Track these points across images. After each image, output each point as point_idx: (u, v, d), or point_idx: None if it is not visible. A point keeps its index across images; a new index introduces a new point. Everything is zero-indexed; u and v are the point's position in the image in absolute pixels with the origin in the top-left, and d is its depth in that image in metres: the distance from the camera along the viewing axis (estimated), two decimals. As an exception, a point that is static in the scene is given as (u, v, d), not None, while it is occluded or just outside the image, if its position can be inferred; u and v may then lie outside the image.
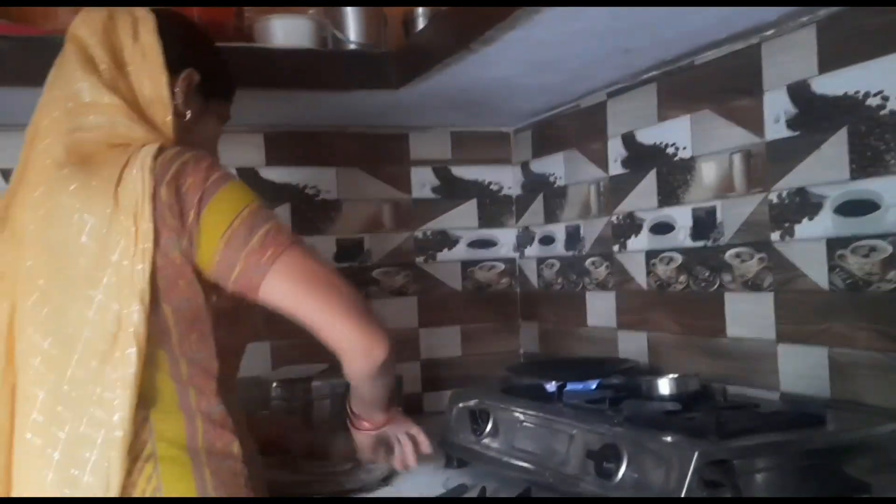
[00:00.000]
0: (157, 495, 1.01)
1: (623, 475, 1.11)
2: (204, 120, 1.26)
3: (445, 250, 2.17)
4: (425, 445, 1.38)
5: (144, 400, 1.03)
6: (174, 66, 1.17)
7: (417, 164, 2.15)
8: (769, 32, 1.40)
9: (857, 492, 1.01)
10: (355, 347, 1.07)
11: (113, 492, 0.99)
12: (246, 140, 1.98)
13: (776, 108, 1.40)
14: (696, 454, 1.02)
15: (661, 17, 1.30)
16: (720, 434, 1.09)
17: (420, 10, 1.78)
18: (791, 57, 1.37)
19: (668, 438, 1.09)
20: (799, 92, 1.36)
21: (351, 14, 1.73)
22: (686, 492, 1.01)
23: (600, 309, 1.91)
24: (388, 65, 1.67)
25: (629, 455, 1.11)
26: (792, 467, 1.10)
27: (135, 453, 1.02)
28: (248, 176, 1.96)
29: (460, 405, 1.53)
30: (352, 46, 1.71)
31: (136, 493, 1.01)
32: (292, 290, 1.05)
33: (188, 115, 1.20)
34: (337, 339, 1.07)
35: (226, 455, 1.07)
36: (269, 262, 1.03)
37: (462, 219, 2.19)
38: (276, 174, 2.00)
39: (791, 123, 1.38)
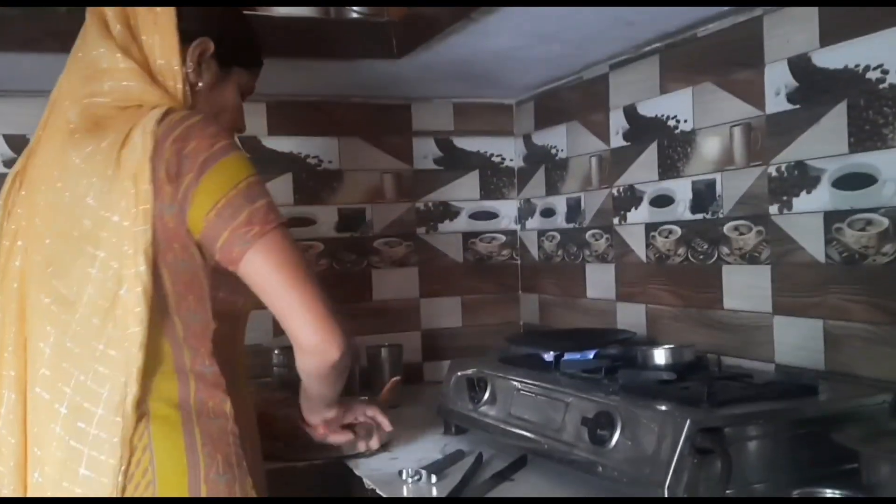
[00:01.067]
0: (148, 452, 1.03)
1: (616, 442, 1.13)
2: (221, 88, 1.25)
3: (447, 221, 2.18)
4: (385, 424, 1.43)
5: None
6: (188, 34, 1.17)
7: (420, 135, 2.16)
8: (771, 6, 1.40)
9: (845, 461, 1.03)
10: (311, 342, 1.08)
11: (119, 448, 1.01)
12: (249, 109, 1.93)
13: (777, 81, 1.40)
14: (688, 422, 1.04)
15: (663, -13, 1.30)
16: (712, 403, 1.10)
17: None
18: (792, 30, 1.37)
19: (661, 406, 1.11)
20: (799, 65, 1.36)
21: (357, -18, 1.72)
22: (677, 458, 1.03)
23: (600, 281, 1.92)
24: (391, 34, 1.67)
25: (623, 422, 1.13)
26: (783, 436, 1.11)
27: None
28: (251, 145, 1.97)
29: (459, 374, 1.55)
30: (353, 15, 1.71)
31: (129, 450, 1.03)
32: (268, 270, 1.06)
33: (199, 84, 1.19)
34: (296, 330, 1.08)
35: (217, 414, 1.08)
36: (254, 237, 1.04)
37: (464, 190, 2.20)
38: (279, 143, 2.01)
39: (791, 97, 1.38)
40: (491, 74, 1.92)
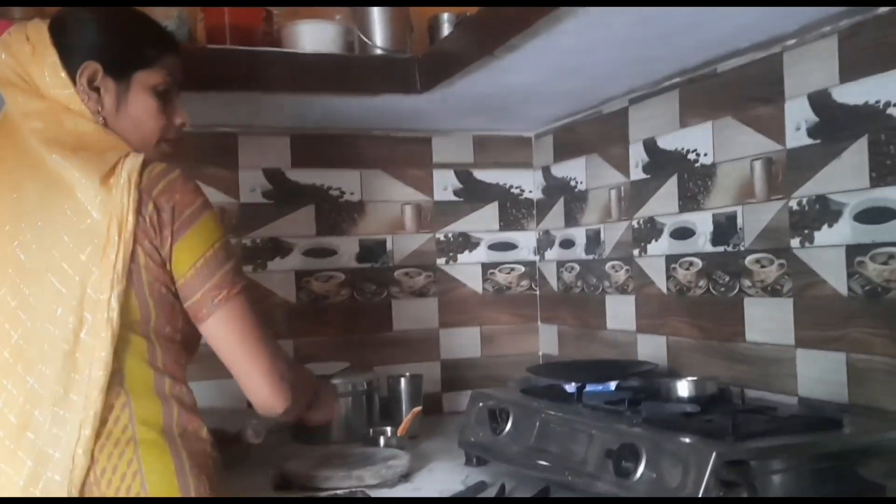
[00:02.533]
0: (139, 477, 1.06)
1: (641, 474, 1.13)
2: (127, 102, 1.22)
3: (466, 252, 2.20)
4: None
5: (124, 386, 1.09)
6: (75, 67, 1.17)
7: (440, 167, 2.18)
8: (791, 42, 1.42)
9: (871, 494, 1.03)
10: (259, 400, 1.20)
11: (80, 467, 1.05)
12: (273, 142, 2.02)
13: (797, 116, 1.42)
14: (713, 454, 1.04)
15: (683, 26, 1.32)
16: (737, 435, 1.11)
17: (445, 16, 1.82)
18: (812, 66, 1.39)
19: (686, 439, 1.11)
20: (820, 100, 1.38)
21: (377, 20, 1.76)
22: (703, 491, 1.03)
23: (620, 312, 1.93)
24: (413, 70, 1.70)
25: (647, 455, 1.13)
26: (808, 469, 1.11)
27: (116, 437, 1.07)
28: (275, 177, 2.00)
29: (480, 404, 1.55)
30: (377, 51, 1.74)
31: (118, 476, 1.06)
32: (227, 336, 1.17)
33: (101, 108, 1.18)
34: (247, 389, 1.19)
35: (197, 438, 1.14)
36: (219, 303, 1.15)
37: (483, 221, 2.22)
38: (302, 175, 2.04)
39: (812, 132, 1.39)
40: (511, 108, 1.95)
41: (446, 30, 1.79)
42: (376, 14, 1.77)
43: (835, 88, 1.35)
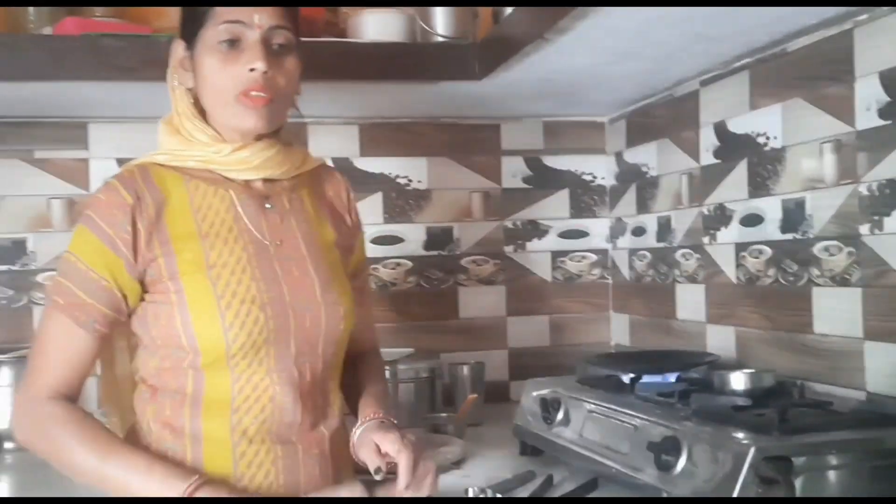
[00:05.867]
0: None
1: (682, 468, 1.10)
2: (198, 66, 1.17)
3: (535, 240, 2.18)
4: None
5: None
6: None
7: (509, 154, 2.17)
8: (862, 17, 1.34)
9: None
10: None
11: None
12: (342, 131, 2.05)
13: (868, 96, 1.34)
14: (752, 449, 1.00)
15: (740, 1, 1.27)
16: (783, 430, 1.06)
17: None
18: (884, 42, 1.30)
19: (728, 433, 1.07)
20: (891, 79, 1.29)
21: (439, 7, 1.76)
22: (740, 488, 0.99)
23: (690, 302, 1.87)
24: (472, 56, 1.69)
25: (689, 448, 1.10)
26: (861, 467, 1.05)
27: None
28: (343, 165, 2.03)
29: (534, 394, 1.54)
30: (439, 39, 1.74)
31: None
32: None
33: (190, 83, 1.19)
34: None
35: None
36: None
37: (553, 209, 2.19)
38: (370, 164, 2.07)
39: (882, 112, 1.31)
40: (578, 92, 1.91)
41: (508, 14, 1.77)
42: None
43: (906, 65, 1.26)
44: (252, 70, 1.12)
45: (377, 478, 1.09)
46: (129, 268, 1.12)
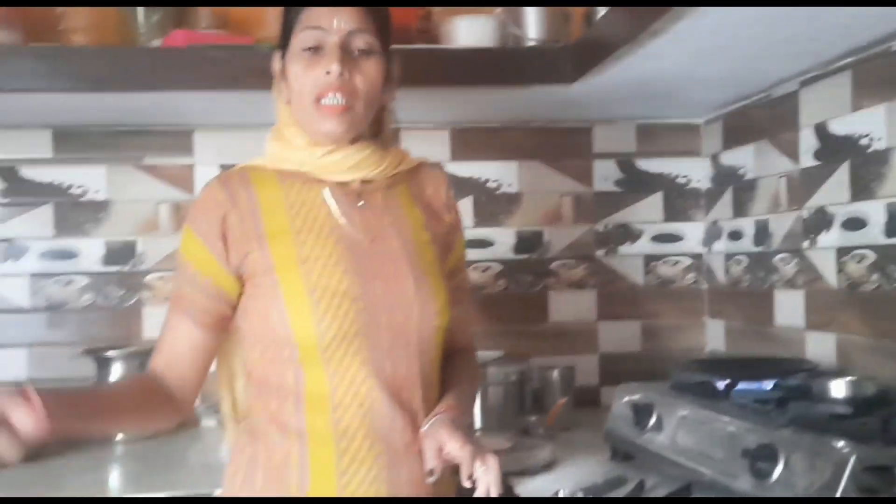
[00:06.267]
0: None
1: (778, 476, 1.07)
2: (289, 74, 1.21)
3: (627, 244, 2.16)
4: None
5: None
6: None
7: (601, 157, 2.16)
8: (973, 11, 1.28)
9: None
10: None
11: None
12: (433, 136, 2.09)
13: (980, 92, 1.28)
14: (853, 458, 0.98)
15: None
16: (885, 440, 1.03)
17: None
18: None
19: (827, 441, 1.04)
20: None
21: (531, 10, 1.77)
22: (840, 496, 0.97)
23: (788, 308, 1.82)
24: (564, 59, 1.69)
25: (786, 456, 1.08)
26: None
27: None
28: (435, 170, 2.06)
29: (626, 399, 1.53)
30: (531, 43, 1.75)
31: None
32: None
33: (288, 91, 1.22)
34: None
35: None
36: None
37: (646, 212, 2.17)
38: (461, 168, 2.09)
39: None
40: (673, 94, 1.89)
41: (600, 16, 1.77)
42: (530, 8, 1.77)
43: None
44: (328, 73, 1.16)
45: (428, 480, 1.10)
46: (224, 263, 1.17)
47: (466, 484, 1.08)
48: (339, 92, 1.17)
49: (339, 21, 1.17)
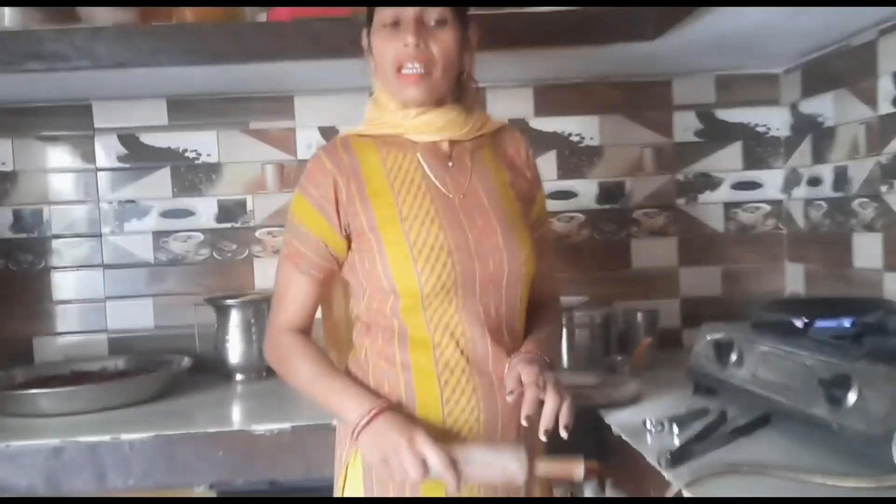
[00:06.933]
0: None
1: (852, 402, 1.17)
2: (373, 47, 1.34)
3: (707, 192, 2.24)
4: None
5: None
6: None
7: (680, 109, 2.23)
8: None
9: None
10: None
11: None
12: (516, 94, 2.19)
13: None
14: (922, 385, 1.07)
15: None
16: (955, 369, 1.11)
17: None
18: None
19: (894, 367, 1.13)
20: None
21: (613, -30, 1.84)
22: (910, 420, 1.06)
23: (867, 251, 1.88)
24: (645, 17, 1.77)
25: (859, 384, 1.17)
26: None
27: None
28: (519, 126, 2.16)
29: (709, 337, 1.63)
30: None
31: None
32: None
33: (374, 62, 1.35)
34: None
35: None
36: None
37: (726, 161, 2.24)
38: (544, 124, 2.19)
39: None
40: (752, 46, 1.94)
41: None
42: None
43: None
44: (406, 45, 1.27)
45: (508, 398, 1.22)
46: (334, 223, 1.31)
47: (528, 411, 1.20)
48: (416, 61, 1.28)
49: None
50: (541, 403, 1.21)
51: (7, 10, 1.83)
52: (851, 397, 1.18)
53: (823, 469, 1.15)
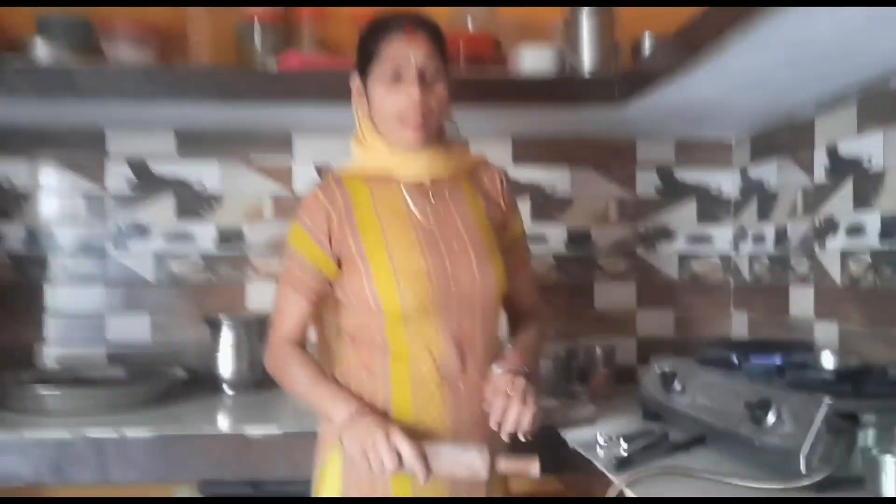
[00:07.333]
0: None
1: (771, 422, 1.38)
2: (372, 95, 1.50)
3: (665, 243, 2.47)
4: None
5: None
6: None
7: (643, 167, 2.47)
8: None
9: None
10: None
11: None
12: (497, 144, 2.42)
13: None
14: (826, 407, 1.27)
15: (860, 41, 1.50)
16: (855, 395, 1.33)
17: (646, 35, 2.11)
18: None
19: (809, 395, 1.35)
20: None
21: (586, 44, 2.08)
22: (815, 435, 1.27)
23: (801, 301, 2.11)
24: (613, 87, 2.01)
25: (777, 406, 1.38)
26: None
27: None
28: (498, 174, 2.38)
29: (657, 369, 1.84)
30: (585, 71, 2.07)
31: None
32: None
33: (366, 108, 1.52)
34: None
35: None
36: None
37: (682, 216, 2.48)
38: (521, 173, 2.42)
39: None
40: (708, 116, 2.18)
41: (647, 49, 2.09)
42: (585, 39, 2.09)
43: None
44: (410, 98, 1.45)
45: (483, 406, 1.43)
46: (327, 251, 1.51)
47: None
48: (419, 113, 1.46)
49: (415, 55, 1.46)
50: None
51: (41, 46, 2.03)
52: (771, 418, 1.38)
53: (741, 474, 1.35)
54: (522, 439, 1.42)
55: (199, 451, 1.75)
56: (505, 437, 1.41)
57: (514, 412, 1.41)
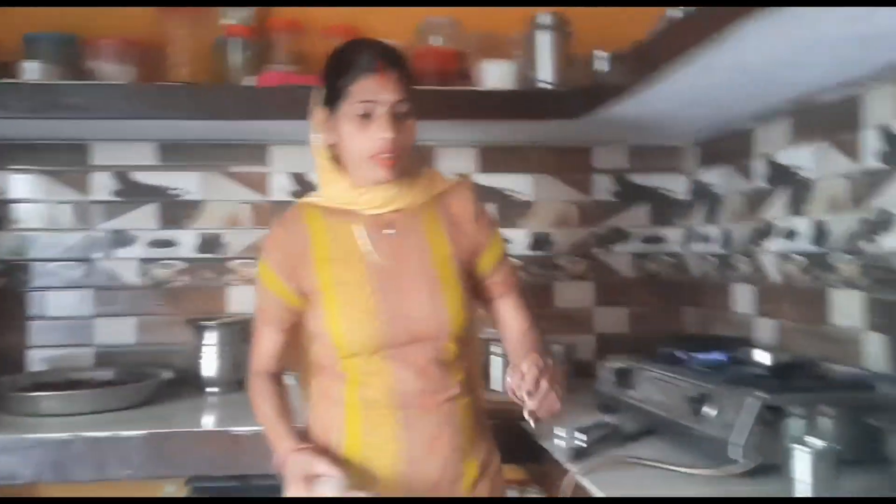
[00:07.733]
0: None
1: (709, 414, 1.55)
2: (340, 130, 1.47)
3: (620, 244, 2.64)
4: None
5: None
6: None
7: (599, 173, 2.63)
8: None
9: (876, 436, 1.39)
10: None
11: None
12: (463, 153, 2.56)
13: None
14: (757, 401, 1.45)
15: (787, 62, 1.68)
16: (783, 390, 1.50)
17: (599, 53, 2.26)
18: None
19: (742, 390, 1.52)
20: None
21: (544, 59, 2.24)
22: (749, 426, 1.44)
23: (743, 298, 2.29)
24: (571, 100, 2.16)
25: (714, 400, 1.55)
26: (841, 417, 1.46)
27: None
28: (464, 181, 2.52)
29: (611, 366, 2.00)
30: (544, 85, 2.22)
31: None
32: None
33: (333, 140, 1.50)
34: None
35: None
36: None
37: (636, 218, 2.64)
38: (486, 179, 2.56)
39: None
40: (659, 126, 2.34)
41: (596, 65, 2.24)
42: (546, 54, 2.24)
43: (899, 124, 1.67)
44: (381, 138, 1.44)
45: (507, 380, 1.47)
46: (289, 285, 1.53)
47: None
48: (390, 150, 1.45)
49: (385, 95, 1.44)
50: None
51: (28, 65, 2.13)
52: (708, 411, 1.55)
53: (684, 462, 1.52)
54: (533, 423, 1.46)
55: (190, 447, 1.88)
56: (531, 406, 1.43)
57: (545, 385, 1.43)
